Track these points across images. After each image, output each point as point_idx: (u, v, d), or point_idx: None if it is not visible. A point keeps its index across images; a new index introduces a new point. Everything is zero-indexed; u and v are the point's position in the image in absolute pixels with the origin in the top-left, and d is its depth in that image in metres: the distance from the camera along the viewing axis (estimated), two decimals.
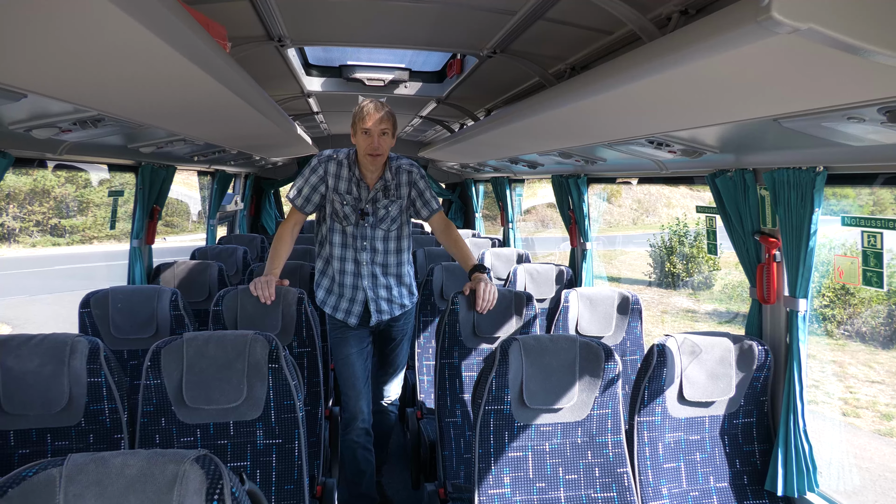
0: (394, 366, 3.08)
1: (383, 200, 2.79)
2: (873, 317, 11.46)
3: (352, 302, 2.83)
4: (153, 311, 2.91)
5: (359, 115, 2.58)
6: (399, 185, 2.82)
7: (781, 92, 1.30)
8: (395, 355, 3.06)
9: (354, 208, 2.76)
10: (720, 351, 2.20)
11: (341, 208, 2.75)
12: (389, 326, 2.96)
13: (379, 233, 2.80)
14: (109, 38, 1.10)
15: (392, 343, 3.04)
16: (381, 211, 2.79)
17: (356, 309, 2.83)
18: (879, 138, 1.47)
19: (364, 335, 2.90)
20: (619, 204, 24.48)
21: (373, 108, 2.57)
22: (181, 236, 18.64)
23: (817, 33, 0.82)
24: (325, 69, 3.67)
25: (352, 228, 2.78)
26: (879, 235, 1.84)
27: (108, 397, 2.04)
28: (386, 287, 2.86)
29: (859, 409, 8.56)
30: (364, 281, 2.81)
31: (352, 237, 2.79)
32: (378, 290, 2.84)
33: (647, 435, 2.17)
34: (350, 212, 2.76)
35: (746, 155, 2.19)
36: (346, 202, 2.75)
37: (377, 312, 2.84)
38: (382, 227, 2.80)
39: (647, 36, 1.74)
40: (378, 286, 2.84)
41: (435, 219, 2.93)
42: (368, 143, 2.59)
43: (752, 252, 2.33)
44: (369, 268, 2.81)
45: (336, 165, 2.74)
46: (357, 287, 2.82)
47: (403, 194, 2.83)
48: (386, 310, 2.87)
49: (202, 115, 2.19)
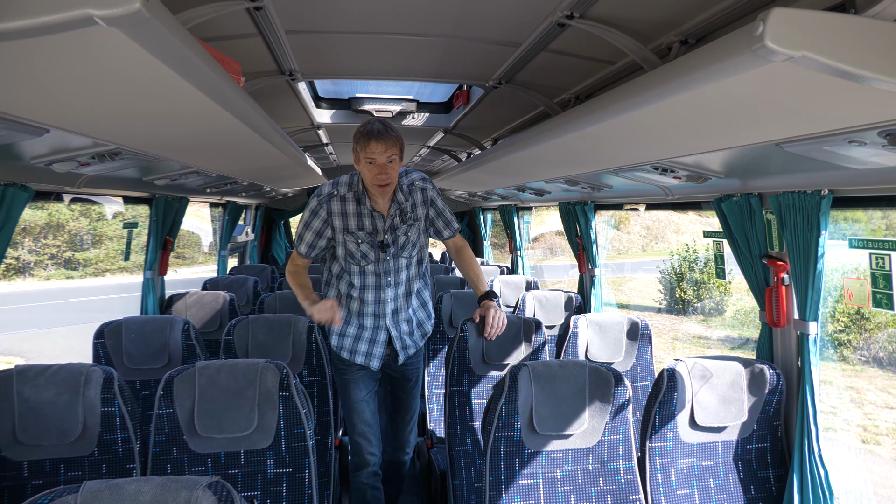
0: (410, 411, 2.79)
1: (402, 226, 2.47)
2: (890, 341, 11.28)
3: (372, 343, 2.55)
4: (165, 341, 2.93)
5: (361, 142, 2.25)
6: (415, 206, 2.51)
7: (781, 117, 1.33)
8: (411, 398, 2.77)
9: (372, 244, 2.44)
10: (731, 375, 2.19)
11: (357, 248, 2.44)
12: (406, 366, 2.68)
13: (401, 262, 2.52)
14: (130, 75, 1.15)
15: (408, 385, 2.73)
16: (402, 238, 2.48)
17: (378, 351, 2.55)
18: (881, 161, 1.49)
19: (373, 376, 2.64)
20: (627, 231, 24.44)
21: (377, 135, 2.23)
22: (192, 268, 18.78)
23: (811, 60, 0.85)
24: (334, 101, 3.75)
25: (373, 266, 2.47)
26: (888, 257, 1.84)
27: (121, 426, 2.06)
28: (407, 321, 2.61)
29: (879, 437, 8.37)
30: (387, 319, 2.54)
31: (374, 276, 2.49)
32: (400, 326, 2.58)
33: (660, 461, 2.15)
34: (368, 249, 2.44)
35: (751, 179, 2.21)
36: (360, 240, 2.43)
37: (403, 350, 2.59)
38: (404, 255, 2.52)
39: (648, 65, 1.78)
40: (400, 321, 2.58)
41: (455, 239, 2.73)
42: (375, 175, 2.28)
43: (760, 276, 2.33)
44: (393, 304, 2.54)
45: (339, 203, 2.41)
46: (379, 327, 2.54)
47: (420, 215, 2.53)
48: (410, 344, 2.62)
49: (217, 147, 2.25)
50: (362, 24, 1.99)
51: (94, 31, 0.87)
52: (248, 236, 6.71)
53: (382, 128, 2.25)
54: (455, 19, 1.89)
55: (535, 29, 1.90)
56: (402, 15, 1.87)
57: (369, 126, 2.26)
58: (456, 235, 2.70)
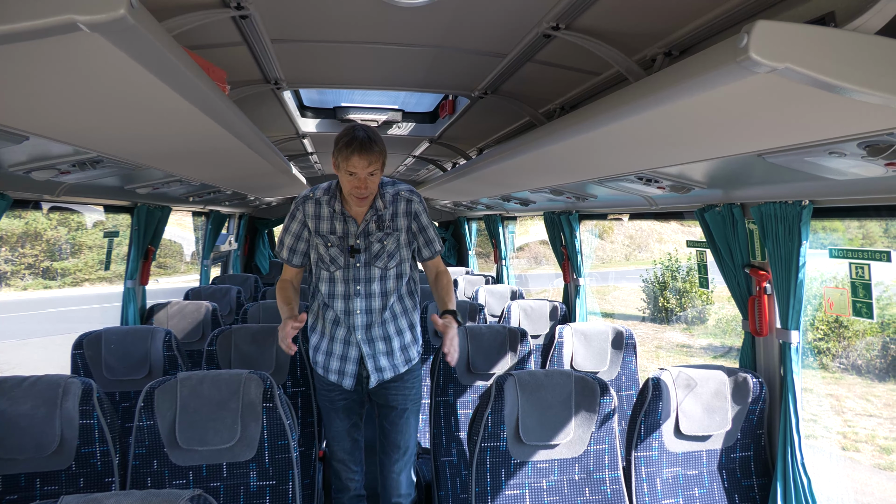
0: (398, 449, 2.45)
1: (377, 233, 2.32)
2: (868, 349, 11.46)
3: (343, 360, 2.36)
4: (146, 351, 2.89)
5: (343, 153, 2.11)
6: (396, 215, 2.35)
7: (764, 128, 1.34)
8: (396, 431, 2.44)
9: (342, 248, 2.31)
10: (715, 384, 2.21)
11: (326, 252, 2.32)
12: (388, 389, 2.41)
13: (374, 272, 2.33)
14: (113, 82, 1.13)
15: (391, 413, 2.44)
16: (376, 245, 2.32)
17: (349, 368, 2.36)
18: (861, 172, 1.52)
19: (357, 403, 2.44)
20: (611, 240, 24.63)
21: (360, 148, 2.08)
22: (174, 277, 18.57)
23: (794, 72, 0.86)
24: (319, 111, 3.74)
25: (341, 273, 2.32)
26: (867, 266, 1.87)
27: (99, 439, 2.01)
28: (384, 339, 2.37)
29: (858, 443, 8.48)
30: (357, 333, 2.34)
31: (342, 282, 2.33)
32: (375, 344, 2.36)
33: (645, 470, 2.16)
34: (337, 253, 2.31)
35: (734, 190, 2.24)
36: (330, 243, 2.31)
37: (376, 371, 2.36)
38: (378, 264, 2.33)
39: (633, 76, 1.80)
40: (374, 339, 2.36)
41: (434, 262, 2.51)
42: (354, 186, 2.16)
43: (742, 285, 2.36)
44: (364, 317, 2.34)
45: (314, 205, 2.31)
46: (349, 342, 2.35)
47: (401, 226, 2.35)
48: (386, 366, 2.38)
49: (201, 156, 2.22)
50: (348, 34, 1.99)
51: (77, 38, 0.85)
52: (231, 245, 6.65)
53: (366, 139, 2.10)
54: (442, 29, 1.90)
55: (521, 39, 1.91)
56: (388, 24, 1.87)
57: (352, 135, 2.12)
58: (436, 258, 2.51)
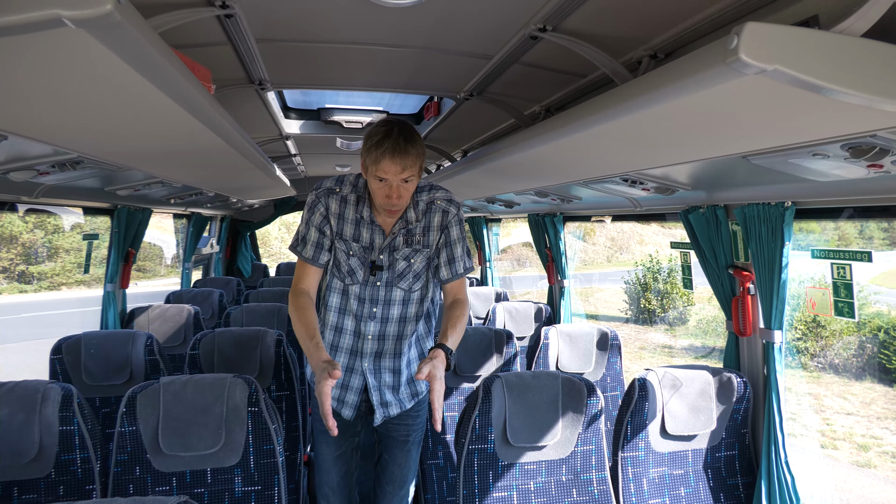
0: (395, 481, 2.22)
1: (404, 249, 2.00)
2: (845, 348, 11.68)
3: (345, 388, 2.07)
4: (127, 356, 2.84)
5: (372, 154, 1.79)
6: (428, 229, 2.02)
7: (749, 130, 1.36)
8: (397, 465, 2.20)
9: (363, 261, 2.00)
10: (700, 384, 2.23)
11: (346, 260, 2.00)
12: (391, 419, 2.14)
13: (396, 294, 2.02)
14: (98, 80, 1.11)
15: (392, 445, 2.19)
16: (401, 263, 2.00)
17: (351, 398, 2.07)
18: (843, 173, 1.54)
19: (353, 427, 2.16)
20: (593, 242, 24.80)
21: (393, 151, 1.76)
22: (153, 281, 18.31)
23: (783, 74, 0.87)
24: (303, 112, 3.71)
25: (358, 288, 2.01)
26: (848, 267, 1.90)
27: (80, 446, 1.97)
28: (394, 371, 2.07)
29: (837, 441, 8.63)
30: (364, 362, 2.05)
31: (356, 300, 2.02)
32: (382, 375, 2.07)
33: (632, 471, 2.17)
34: (357, 265, 2.00)
35: (717, 191, 2.27)
36: (352, 252, 2.00)
37: (382, 406, 2.08)
38: (402, 286, 2.01)
39: (619, 79, 1.81)
40: (382, 369, 2.07)
41: (454, 286, 2.06)
42: (385, 196, 1.84)
43: (726, 286, 2.38)
44: (375, 343, 2.04)
45: (339, 203, 1.99)
46: (354, 370, 2.06)
47: (432, 241, 2.02)
48: (392, 401, 2.09)
49: (185, 157, 2.19)
50: (335, 35, 1.98)
51: (61, 34, 0.84)
52: (212, 248, 6.58)
53: (402, 140, 1.77)
54: (428, 31, 1.90)
55: (508, 41, 1.92)
56: (375, 26, 1.86)
57: (384, 134, 1.78)
58: (458, 281, 2.06)
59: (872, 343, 11.65)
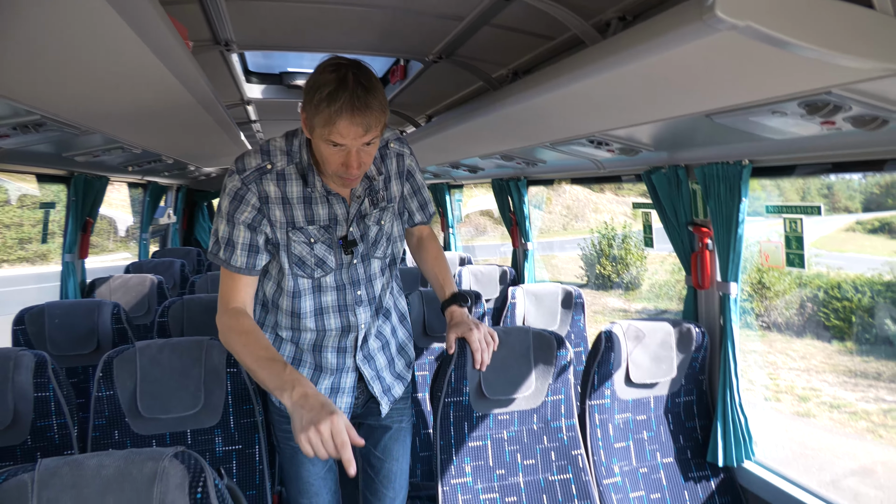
0: (391, 485, 1.88)
1: (373, 212, 1.65)
2: (787, 308, 12.31)
3: (335, 392, 1.73)
4: (94, 325, 2.79)
5: (321, 110, 1.32)
6: (388, 179, 1.70)
7: (714, 89, 1.43)
8: (392, 459, 1.87)
9: (331, 243, 1.60)
10: (661, 335, 2.35)
11: (310, 252, 1.59)
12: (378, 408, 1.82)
13: (374, 266, 1.70)
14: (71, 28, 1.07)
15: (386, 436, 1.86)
16: (373, 229, 1.66)
17: (345, 401, 1.74)
18: (798, 131, 1.64)
19: None
20: (549, 210, 25.14)
21: (352, 108, 1.31)
22: (101, 256, 17.71)
23: (753, 30, 0.94)
24: (264, 76, 3.64)
25: (332, 278, 1.63)
26: (799, 221, 2.03)
27: (56, 412, 1.96)
28: (383, 347, 1.79)
29: (780, 394, 9.18)
30: (358, 354, 1.72)
31: (334, 291, 1.65)
32: (375, 360, 1.76)
33: (599, 417, 2.29)
34: (325, 252, 1.60)
35: (679, 152, 2.36)
36: (314, 238, 1.58)
37: (385, 393, 1.79)
38: (377, 254, 1.69)
39: (589, 40, 1.86)
40: (373, 352, 1.76)
41: (423, 226, 1.94)
42: (340, 163, 1.41)
43: (686, 242, 2.50)
44: (367, 328, 1.72)
45: (277, 183, 1.53)
46: (344, 369, 1.72)
47: (395, 193, 1.72)
48: (393, 382, 1.82)
49: (155, 119, 2.13)
50: None
51: None
52: (170, 219, 6.43)
53: (360, 91, 1.32)
54: None
55: (480, 1, 1.93)
56: None
57: (337, 83, 1.31)
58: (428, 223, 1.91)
59: (813, 302, 12.30)
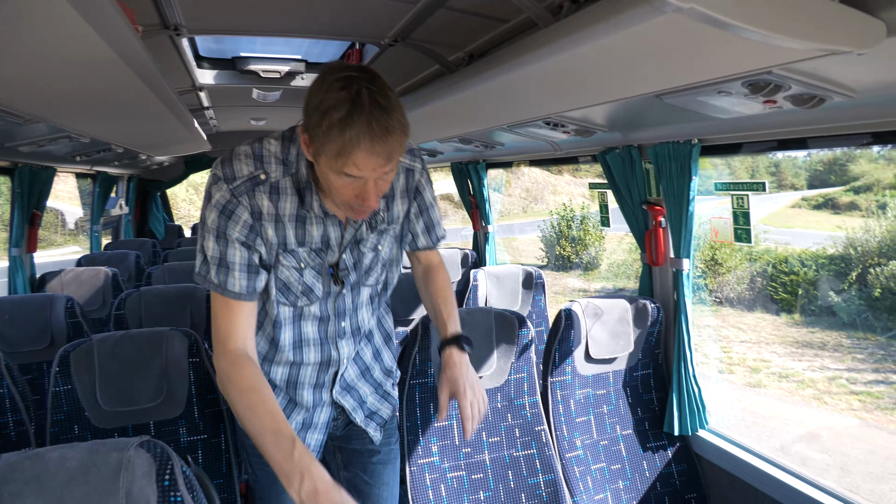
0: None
1: (370, 236, 1.44)
2: (738, 283, 12.78)
3: (306, 428, 1.55)
4: (46, 320, 2.71)
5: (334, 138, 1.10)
6: (392, 198, 1.48)
7: (662, 70, 1.48)
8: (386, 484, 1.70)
9: (320, 269, 1.40)
10: (619, 311, 2.43)
11: (298, 278, 1.39)
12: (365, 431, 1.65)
13: (363, 294, 1.50)
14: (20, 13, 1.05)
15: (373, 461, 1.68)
16: (369, 256, 1.46)
17: (315, 438, 1.56)
18: (743, 110, 1.71)
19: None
20: (508, 193, 25.34)
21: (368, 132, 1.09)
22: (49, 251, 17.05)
23: (697, 12, 0.97)
24: (216, 61, 3.55)
25: (317, 307, 1.44)
26: (746, 197, 2.12)
27: (11, 409, 1.92)
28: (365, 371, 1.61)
29: (732, 366, 9.55)
30: (336, 388, 1.54)
31: (316, 322, 1.46)
32: (356, 390, 1.59)
33: (560, 393, 2.35)
34: (314, 278, 1.40)
35: (632, 132, 2.42)
36: (303, 263, 1.38)
37: (369, 417, 1.62)
38: (369, 282, 1.50)
39: (542, 22, 1.88)
40: (353, 382, 1.58)
41: (430, 253, 1.67)
42: (353, 195, 1.20)
43: (640, 221, 2.58)
44: (349, 363, 1.56)
45: (270, 196, 1.31)
46: (319, 403, 1.54)
47: (398, 214, 1.50)
48: (377, 405, 1.64)
49: (103, 106, 2.06)
50: None
51: None
52: (121, 210, 6.24)
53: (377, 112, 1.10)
54: None
55: None
56: None
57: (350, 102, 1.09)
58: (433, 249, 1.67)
59: (762, 277, 12.78)
